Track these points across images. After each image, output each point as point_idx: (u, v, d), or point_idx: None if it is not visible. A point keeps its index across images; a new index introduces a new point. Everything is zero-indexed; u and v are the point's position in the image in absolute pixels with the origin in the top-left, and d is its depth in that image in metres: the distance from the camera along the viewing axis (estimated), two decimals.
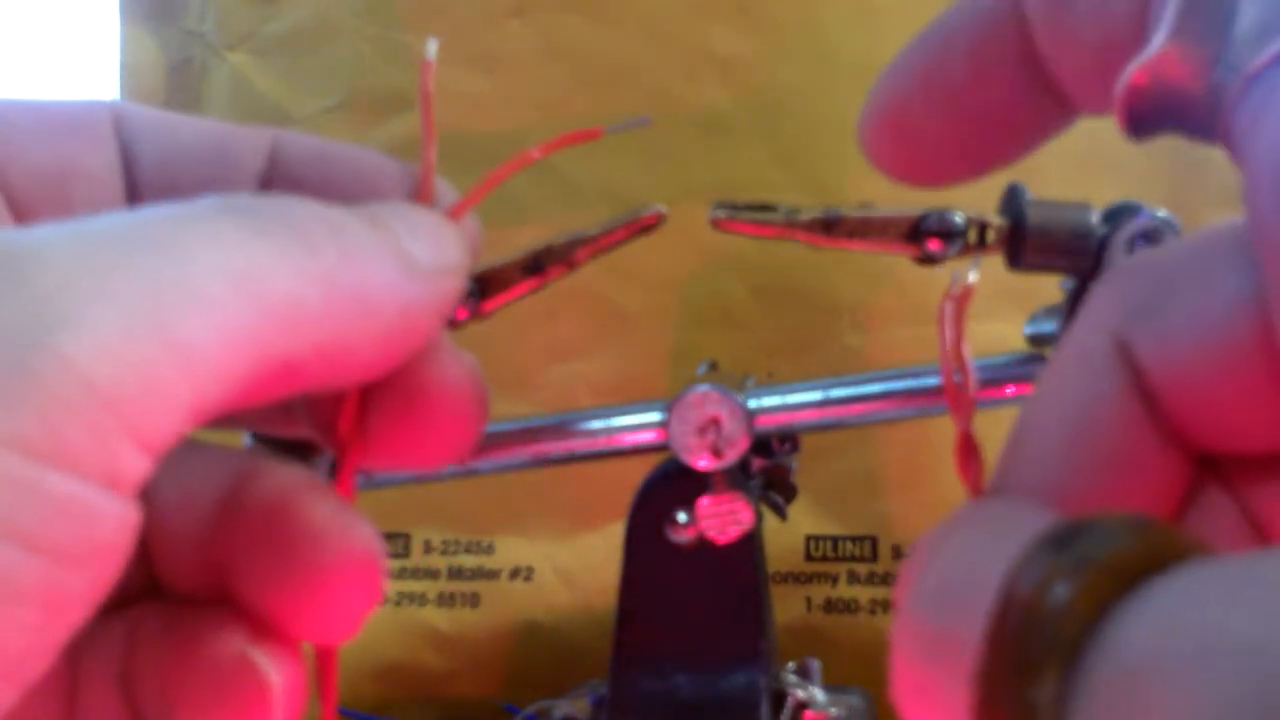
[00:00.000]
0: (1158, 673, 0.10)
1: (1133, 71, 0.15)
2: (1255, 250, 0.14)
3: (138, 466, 0.13)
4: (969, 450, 0.18)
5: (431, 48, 0.20)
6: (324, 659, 0.20)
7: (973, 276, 0.18)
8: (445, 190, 0.21)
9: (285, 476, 0.19)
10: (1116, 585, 0.11)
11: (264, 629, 0.18)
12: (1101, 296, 0.16)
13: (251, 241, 0.15)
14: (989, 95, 0.18)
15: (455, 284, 0.19)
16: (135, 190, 0.21)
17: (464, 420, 0.20)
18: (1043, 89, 0.17)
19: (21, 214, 0.19)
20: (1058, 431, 0.16)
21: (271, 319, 0.15)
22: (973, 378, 0.18)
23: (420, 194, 0.21)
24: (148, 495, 0.14)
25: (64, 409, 0.12)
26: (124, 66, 0.57)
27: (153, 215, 0.15)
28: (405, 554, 0.52)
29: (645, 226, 0.28)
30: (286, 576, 0.18)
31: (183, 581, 0.19)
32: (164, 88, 0.57)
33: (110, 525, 0.13)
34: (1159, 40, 0.14)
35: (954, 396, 0.18)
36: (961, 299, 0.18)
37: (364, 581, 0.18)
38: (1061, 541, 0.11)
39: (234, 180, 0.21)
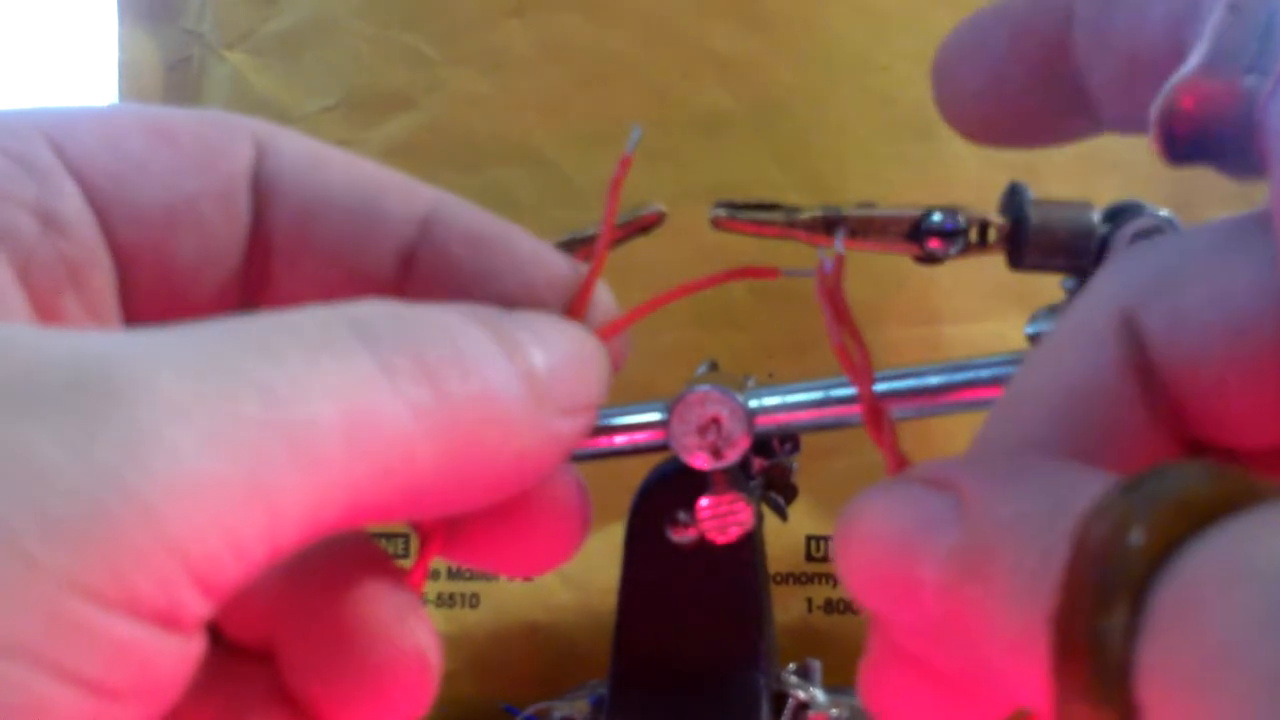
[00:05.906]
0: (1217, 588, 0.10)
1: (1171, 94, 0.14)
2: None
3: (200, 609, 0.13)
4: (878, 417, 0.18)
5: (634, 136, 0.18)
6: None
7: (839, 246, 0.19)
8: (603, 298, 0.19)
9: (355, 548, 0.18)
10: (1187, 523, 0.11)
11: (303, 709, 0.18)
12: (1114, 271, 0.16)
13: (373, 380, 0.14)
14: (1019, 93, 0.18)
15: (588, 423, 0.17)
16: (261, 240, 0.18)
17: (564, 540, 0.19)
18: (1071, 99, 0.17)
19: (122, 263, 0.18)
20: (1048, 399, 0.16)
21: (377, 477, 0.14)
22: (865, 346, 0.18)
23: (577, 303, 0.19)
24: None
25: (132, 556, 0.12)
26: (122, 66, 0.57)
27: (275, 335, 0.14)
28: (405, 554, 0.52)
29: (645, 226, 0.28)
30: (336, 667, 0.17)
31: (226, 623, 0.18)
32: (162, 87, 0.57)
33: (168, 662, 0.13)
34: (1194, 62, 0.14)
35: (849, 364, 0.18)
36: (835, 272, 0.18)
37: (413, 691, 0.17)
38: (1135, 485, 0.12)
39: (376, 248, 0.18)
